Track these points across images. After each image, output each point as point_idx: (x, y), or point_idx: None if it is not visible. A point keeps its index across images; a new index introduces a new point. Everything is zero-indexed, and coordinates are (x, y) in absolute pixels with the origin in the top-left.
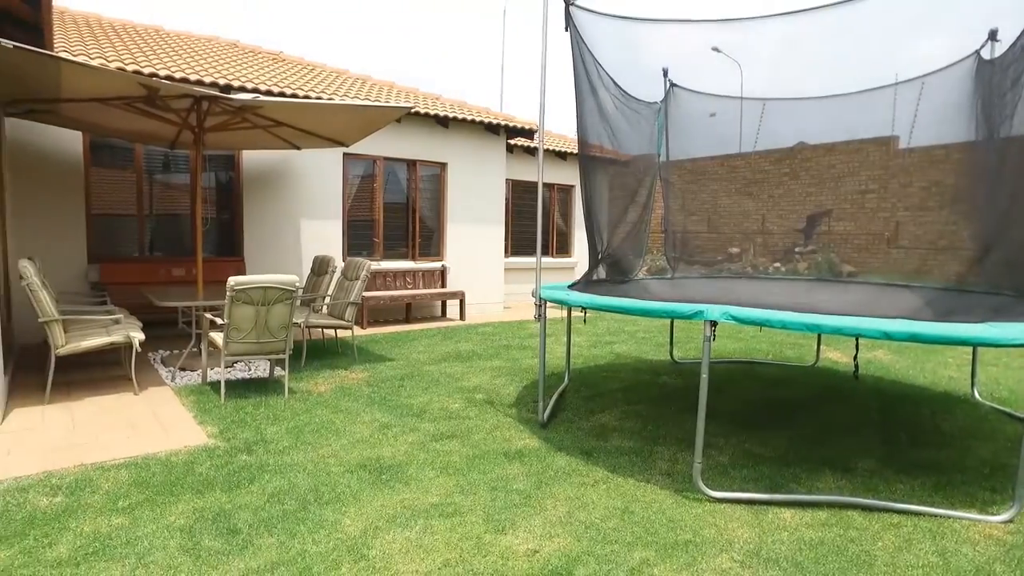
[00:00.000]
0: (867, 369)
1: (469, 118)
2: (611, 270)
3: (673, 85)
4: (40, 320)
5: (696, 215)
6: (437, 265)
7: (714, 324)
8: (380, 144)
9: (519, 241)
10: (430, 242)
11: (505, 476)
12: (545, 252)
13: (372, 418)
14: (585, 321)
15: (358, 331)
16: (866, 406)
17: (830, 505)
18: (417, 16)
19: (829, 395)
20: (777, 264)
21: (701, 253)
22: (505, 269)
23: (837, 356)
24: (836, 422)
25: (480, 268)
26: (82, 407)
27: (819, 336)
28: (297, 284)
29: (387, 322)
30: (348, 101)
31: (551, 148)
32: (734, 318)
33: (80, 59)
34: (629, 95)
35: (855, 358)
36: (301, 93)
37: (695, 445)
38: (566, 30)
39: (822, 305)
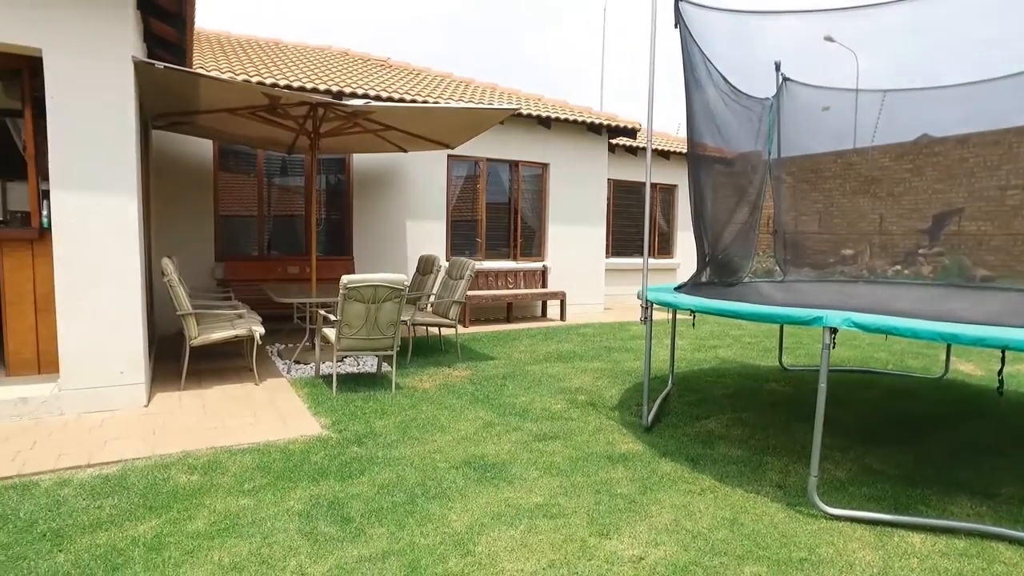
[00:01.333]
0: (1012, 384)
1: (571, 118)
2: (719, 272)
3: (786, 79)
4: (177, 313)
5: (808, 215)
6: (538, 265)
7: (834, 331)
8: (483, 145)
9: (620, 242)
10: (531, 242)
11: (609, 480)
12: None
13: (476, 416)
14: (694, 325)
15: (461, 329)
16: (1011, 425)
17: (969, 533)
18: (518, 18)
19: (963, 411)
20: (898, 267)
21: (813, 255)
22: (605, 270)
23: (970, 369)
24: (973, 441)
25: (581, 269)
26: (211, 394)
27: (948, 347)
28: (405, 283)
29: (488, 321)
30: (455, 104)
31: (655, 147)
32: (857, 325)
33: (214, 74)
34: (739, 91)
35: (1000, 372)
36: (408, 97)
37: (811, 458)
38: (675, 27)
39: (955, 312)
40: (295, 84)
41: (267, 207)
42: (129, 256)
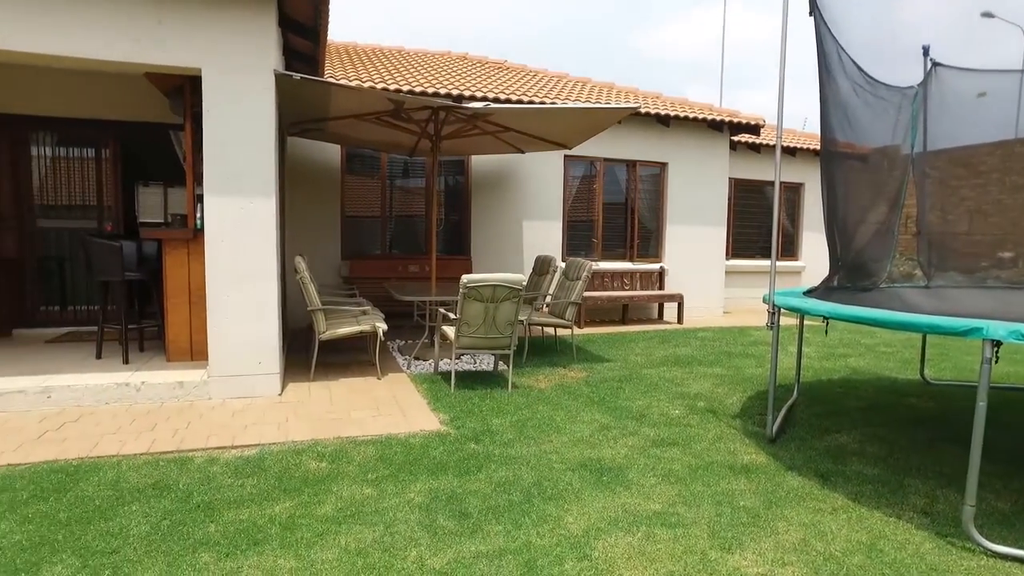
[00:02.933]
0: None
1: (691, 116)
2: (853, 276)
3: (935, 64)
4: (308, 309)
5: (957, 213)
6: (655, 267)
7: (997, 344)
8: (600, 145)
9: (740, 243)
10: (648, 243)
11: (731, 491)
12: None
13: (592, 418)
14: (827, 332)
15: (576, 330)
16: None
17: None
18: (634, 15)
19: None
20: None
21: (962, 257)
22: (725, 272)
23: None
24: None
25: (699, 270)
26: (337, 386)
27: None
28: (523, 283)
29: (603, 322)
30: (572, 104)
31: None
32: None
33: (343, 82)
34: (876, 81)
35: None
36: (526, 99)
37: (966, 484)
38: (810, 15)
39: None
40: (417, 89)
41: (389, 208)
42: (267, 255)
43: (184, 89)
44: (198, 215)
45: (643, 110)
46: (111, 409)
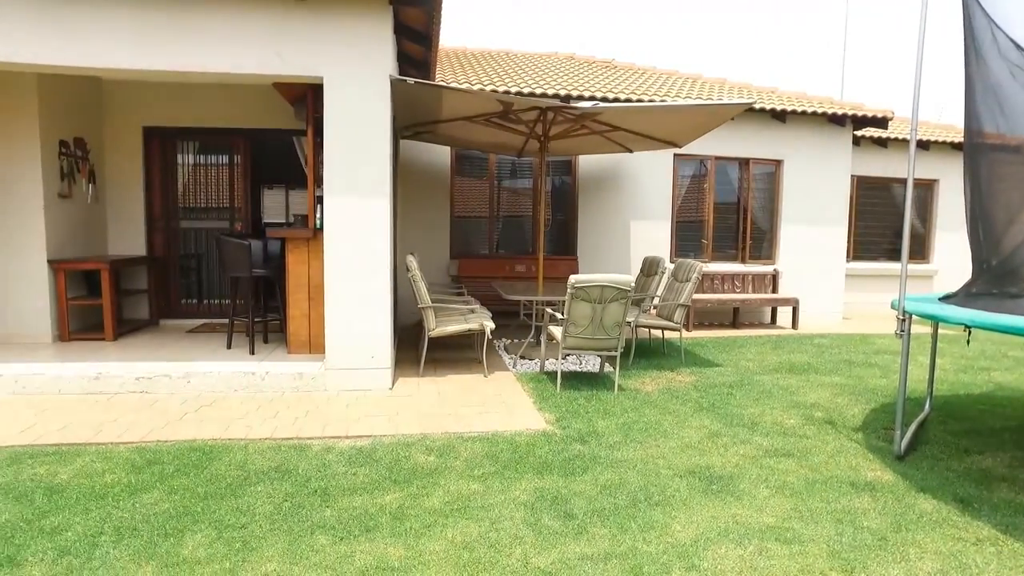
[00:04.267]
0: None
1: (810, 110)
2: (1001, 281)
3: None
4: (419, 306)
5: None
6: (768, 269)
7: None
8: (711, 143)
9: (862, 244)
10: (761, 244)
11: (852, 509)
12: (899, 257)
13: (700, 424)
14: (969, 342)
15: (684, 333)
16: None
17: None
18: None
19: None
20: None
21: None
22: (846, 275)
23: None
24: None
25: (816, 273)
26: (445, 382)
27: None
28: (631, 284)
29: (712, 326)
30: (683, 102)
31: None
32: None
33: (453, 85)
34: None
35: None
36: (634, 97)
37: None
38: None
39: None
40: (525, 90)
41: (497, 208)
42: (381, 254)
43: (307, 97)
44: (317, 215)
45: (758, 105)
46: (239, 396)
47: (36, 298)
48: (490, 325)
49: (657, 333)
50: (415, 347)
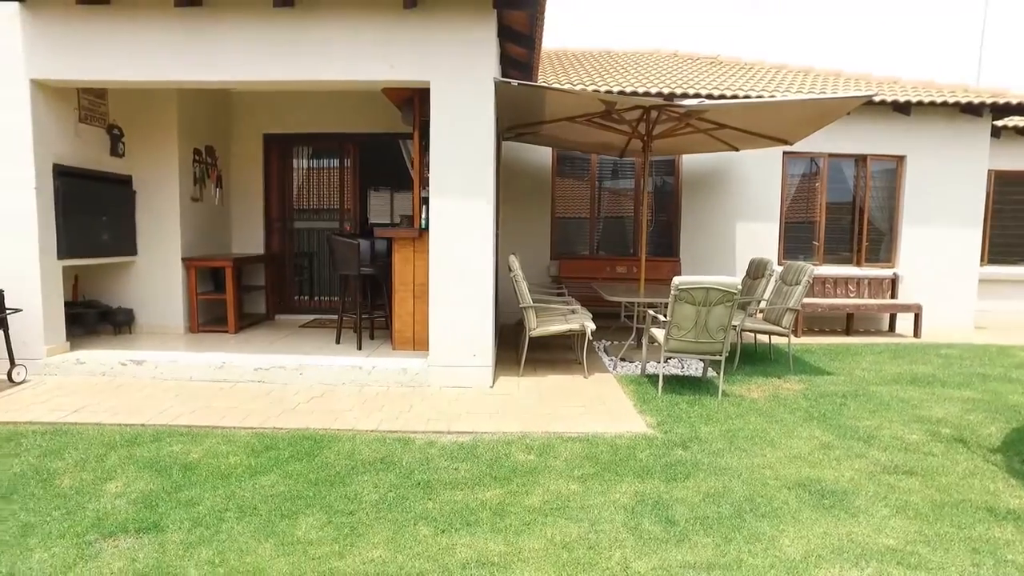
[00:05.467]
0: None
1: (939, 100)
2: None
3: None
4: (520, 306)
5: None
6: (887, 272)
7: None
8: (824, 139)
9: (999, 247)
10: (879, 246)
11: (991, 538)
12: None
13: (810, 434)
14: None
15: (793, 339)
16: None
17: None
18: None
19: None
20: None
21: None
22: (979, 280)
23: None
24: None
25: (943, 278)
26: (545, 382)
27: None
28: (738, 287)
29: (823, 332)
30: (793, 97)
31: None
32: None
33: (555, 86)
34: None
35: None
36: (741, 94)
37: None
38: None
39: None
40: (628, 89)
41: (598, 209)
42: (484, 254)
43: (413, 101)
44: (423, 216)
45: (878, 98)
46: (347, 389)
47: (172, 292)
48: (591, 326)
49: (763, 338)
50: (515, 347)
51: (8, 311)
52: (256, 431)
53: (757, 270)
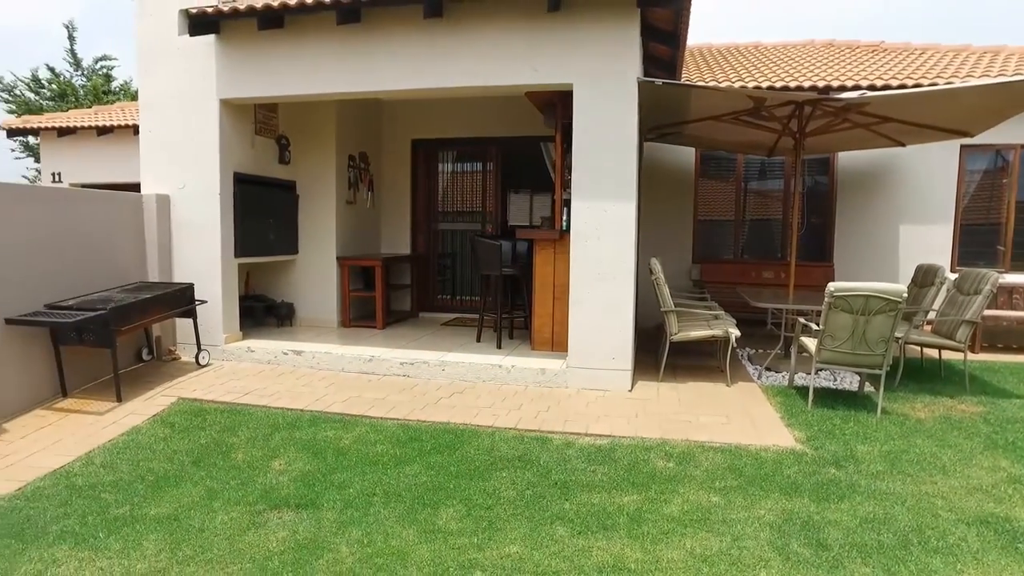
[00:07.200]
0: None
1: None
2: None
3: None
4: (661, 309)
5: None
6: None
7: None
8: (1014, 130)
9: None
10: None
11: None
12: None
13: (994, 464)
14: None
15: (969, 355)
16: None
17: None
18: None
19: None
20: None
21: None
22: None
23: None
24: None
25: None
26: (685, 389)
27: None
28: (904, 295)
29: (1009, 349)
30: (975, 82)
31: None
32: None
33: (701, 84)
34: None
35: None
36: (910, 82)
37: None
38: None
39: None
40: (778, 84)
41: (743, 211)
42: (626, 256)
43: (555, 104)
44: (564, 217)
45: None
46: (486, 386)
47: (327, 289)
48: (735, 333)
49: (932, 353)
50: (653, 351)
51: (197, 302)
52: (401, 422)
53: (925, 277)
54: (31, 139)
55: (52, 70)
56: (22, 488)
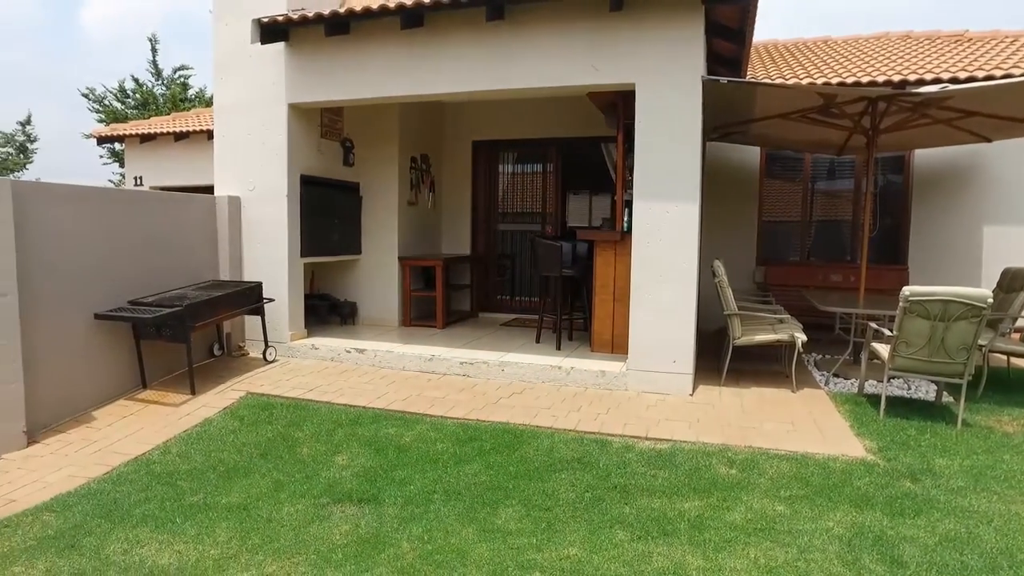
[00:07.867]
0: None
1: None
2: None
3: None
4: (724, 312)
5: None
6: None
7: None
8: None
9: None
10: None
11: None
12: None
13: None
14: None
15: None
16: None
17: None
18: None
19: None
20: None
21: None
22: None
23: None
24: None
25: None
26: (748, 394)
27: None
28: (988, 300)
29: None
30: None
31: None
32: None
33: (768, 81)
34: None
35: None
36: (999, 73)
37: None
38: None
39: None
40: (849, 80)
41: (810, 212)
42: (688, 258)
43: (617, 104)
44: (625, 218)
45: None
46: (545, 387)
47: (389, 289)
48: (801, 337)
49: (1019, 362)
50: (715, 355)
51: (265, 300)
52: (461, 421)
53: (1013, 282)
54: (117, 145)
55: (136, 80)
56: (109, 472)
